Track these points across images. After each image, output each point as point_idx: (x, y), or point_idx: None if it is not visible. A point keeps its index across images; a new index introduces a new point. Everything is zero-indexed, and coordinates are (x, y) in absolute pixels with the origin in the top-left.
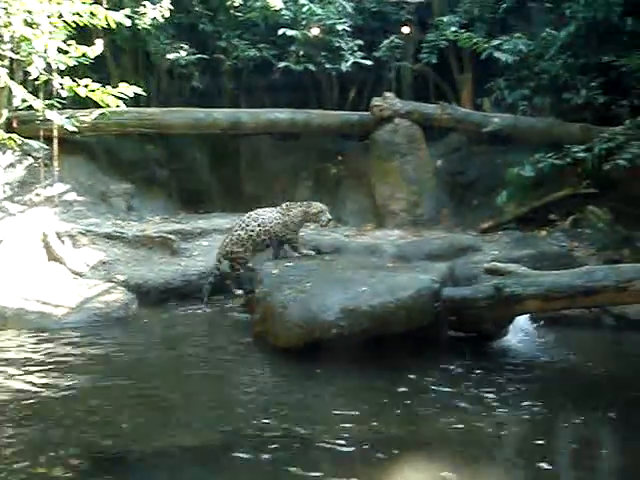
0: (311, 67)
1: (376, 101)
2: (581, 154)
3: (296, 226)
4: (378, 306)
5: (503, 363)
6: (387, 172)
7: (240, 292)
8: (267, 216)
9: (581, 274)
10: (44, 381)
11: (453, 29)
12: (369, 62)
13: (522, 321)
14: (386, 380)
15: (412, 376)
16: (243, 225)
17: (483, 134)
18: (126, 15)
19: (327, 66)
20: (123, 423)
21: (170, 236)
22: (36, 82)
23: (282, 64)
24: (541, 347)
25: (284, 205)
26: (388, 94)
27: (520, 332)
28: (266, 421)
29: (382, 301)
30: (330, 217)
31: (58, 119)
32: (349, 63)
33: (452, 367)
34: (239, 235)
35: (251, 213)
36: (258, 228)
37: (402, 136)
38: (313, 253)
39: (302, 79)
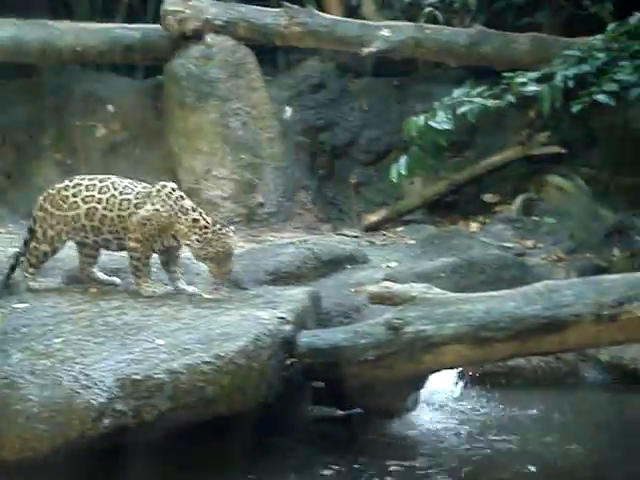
0: None
1: (171, 4)
2: (532, 87)
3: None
4: (183, 371)
5: (407, 464)
6: (196, 131)
7: None
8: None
9: (537, 296)
10: None
11: None
12: None
13: (441, 383)
14: None
15: None
16: (92, 183)
17: (364, 58)
18: None
19: None
20: None
21: None
22: None
23: None
24: (478, 430)
25: (167, 187)
26: None
27: (438, 403)
28: None
29: (191, 362)
30: (227, 270)
31: None
32: None
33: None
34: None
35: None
36: (98, 206)
37: (221, 65)
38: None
39: None
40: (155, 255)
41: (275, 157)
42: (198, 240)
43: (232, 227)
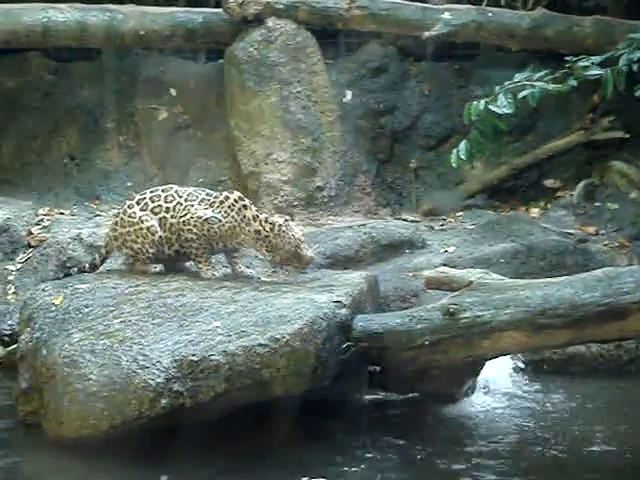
0: None
1: None
2: (596, 71)
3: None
4: (239, 353)
5: (461, 450)
6: (257, 115)
7: None
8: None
9: (596, 282)
10: None
11: None
12: None
13: (499, 370)
14: None
15: None
16: (155, 194)
17: (425, 42)
18: None
19: None
20: None
21: None
22: None
23: None
24: (536, 420)
25: (231, 198)
26: None
27: (496, 390)
28: None
29: (246, 344)
30: (308, 259)
31: None
32: None
33: (370, 467)
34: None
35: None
36: (167, 215)
37: (282, 49)
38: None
39: None
40: None
41: (335, 141)
42: (267, 250)
43: (287, 217)
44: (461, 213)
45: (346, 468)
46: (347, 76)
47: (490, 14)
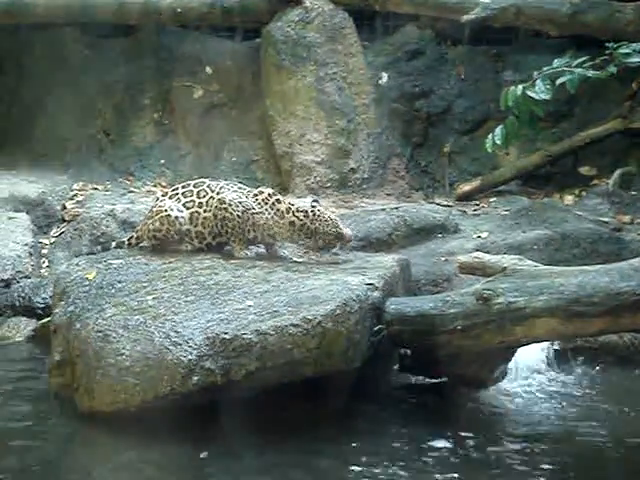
0: None
1: None
2: (636, 58)
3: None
4: (271, 333)
5: (492, 439)
6: (292, 95)
7: None
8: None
9: (632, 271)
10: None
11: None
12: None
13: (531, 356)
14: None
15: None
16: (188, 190)
17: (463, 25)
18: None
19: None
20: None
21: None
22: None
23: None
24: (569, 408)
25: (264, 194)
26: None
27: (528, 376)
28: None
29: (279, 324)
30: (348, 236)
31: None
32: None
33: (400, 452)
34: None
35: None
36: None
37: (319, 30)
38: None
39: None
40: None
41: (369, 123)
42: (307, 237)
43: (314, 198)
44: (494, 199)
45: (371, 452)
46: (383, 58)
47: None
